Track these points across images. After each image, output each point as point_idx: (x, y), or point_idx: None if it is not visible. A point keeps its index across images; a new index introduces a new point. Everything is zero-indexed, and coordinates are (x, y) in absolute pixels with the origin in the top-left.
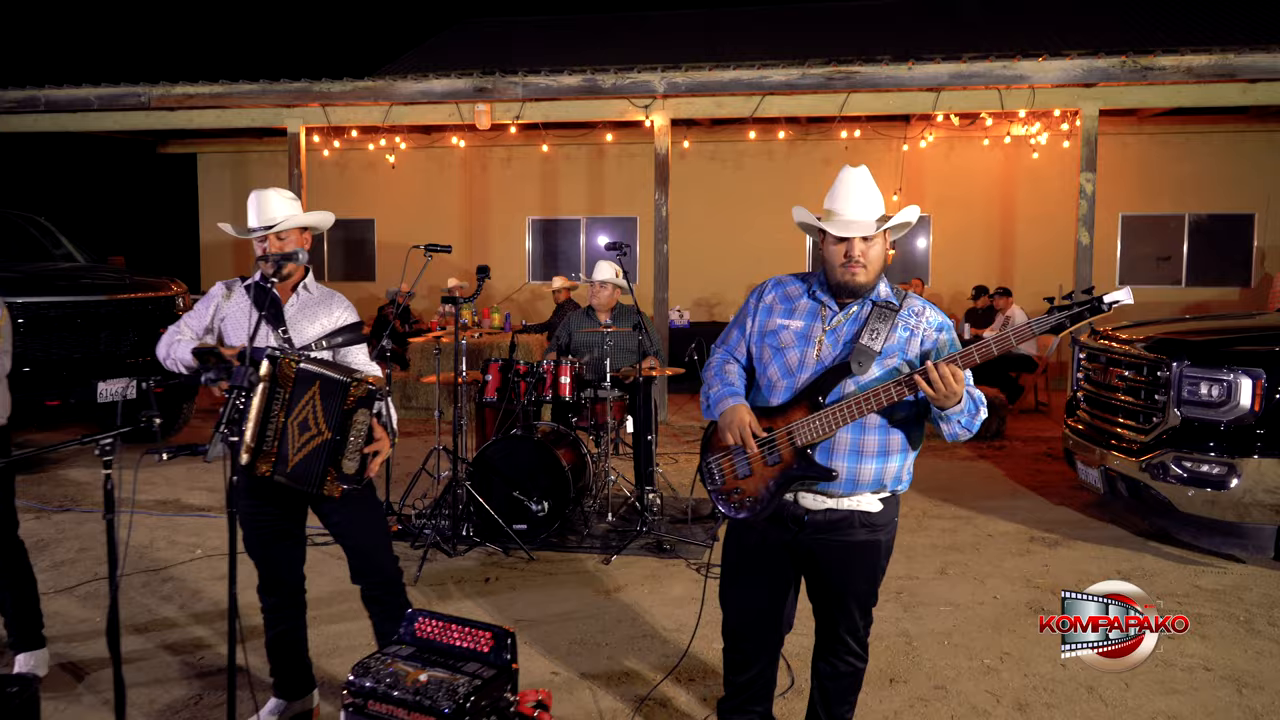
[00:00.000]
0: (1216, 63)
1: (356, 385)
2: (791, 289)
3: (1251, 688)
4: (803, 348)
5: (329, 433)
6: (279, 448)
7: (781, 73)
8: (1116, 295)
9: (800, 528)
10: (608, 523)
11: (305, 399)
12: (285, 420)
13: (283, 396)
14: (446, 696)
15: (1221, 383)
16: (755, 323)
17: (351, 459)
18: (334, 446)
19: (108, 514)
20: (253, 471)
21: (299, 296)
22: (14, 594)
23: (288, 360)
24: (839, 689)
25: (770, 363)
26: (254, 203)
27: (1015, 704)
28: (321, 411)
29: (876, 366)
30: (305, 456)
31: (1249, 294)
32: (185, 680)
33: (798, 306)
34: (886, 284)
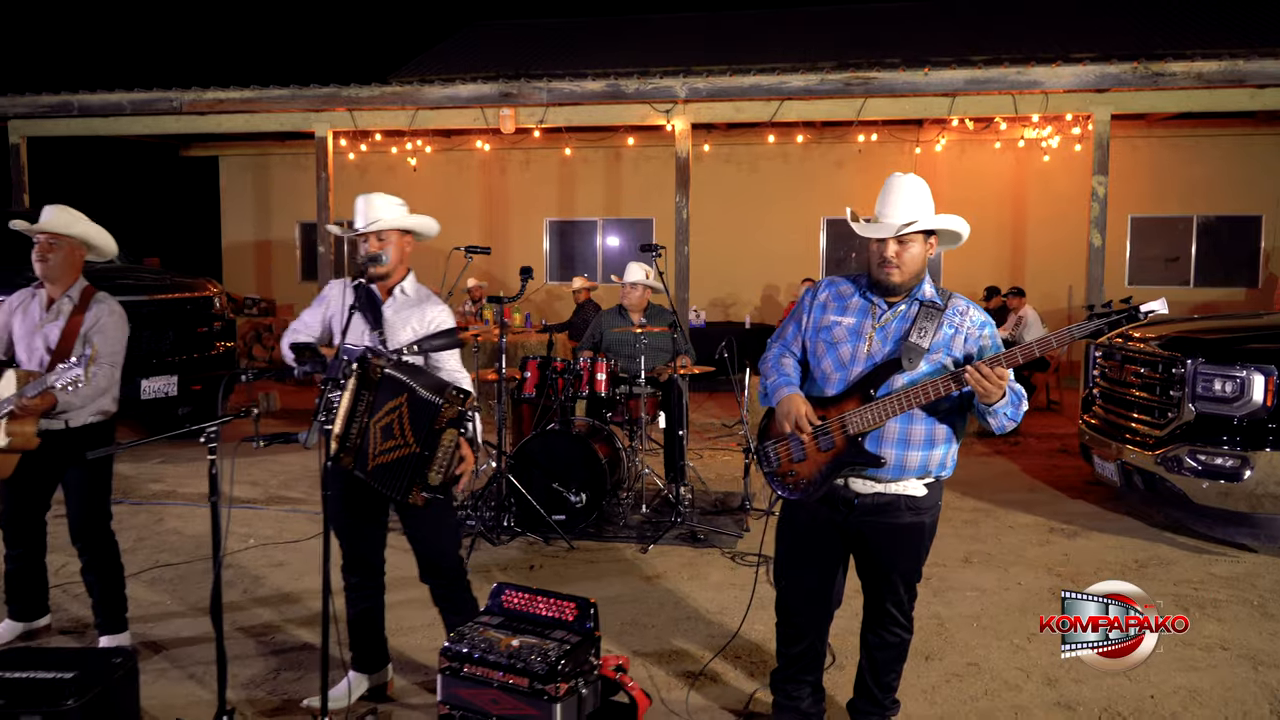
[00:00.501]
0: (1226, 69)
1: (448, 408)
2: (844, 288)
3: (1267, 665)
4: (854, 343)
5: (417, 447)
6: (360, 444)
7: (800, 79)
8: (1152, 305)
9: (850, 510)
10: (641, 514)
11: (390, 406)
12: (368, 421)
13: (367, 398)
14: (539, 659)
15: (1235, 379)
16: (810, 319)
17: (437, 472)
18: (421, 460)
19: (212, 496)
20: (338, 463)
21: (395, 299)
22: (103, 581)
23: (375, 365)
24: (886, 658)
25: (824, 356)
26: (360, 205)
27: (1044, 679)
28: (410, 425)
29: (924, 362)
30: (389, 464)
31: (1256, 294)
32: (261, 657)
33: (850, 304)
34: (931, 284)
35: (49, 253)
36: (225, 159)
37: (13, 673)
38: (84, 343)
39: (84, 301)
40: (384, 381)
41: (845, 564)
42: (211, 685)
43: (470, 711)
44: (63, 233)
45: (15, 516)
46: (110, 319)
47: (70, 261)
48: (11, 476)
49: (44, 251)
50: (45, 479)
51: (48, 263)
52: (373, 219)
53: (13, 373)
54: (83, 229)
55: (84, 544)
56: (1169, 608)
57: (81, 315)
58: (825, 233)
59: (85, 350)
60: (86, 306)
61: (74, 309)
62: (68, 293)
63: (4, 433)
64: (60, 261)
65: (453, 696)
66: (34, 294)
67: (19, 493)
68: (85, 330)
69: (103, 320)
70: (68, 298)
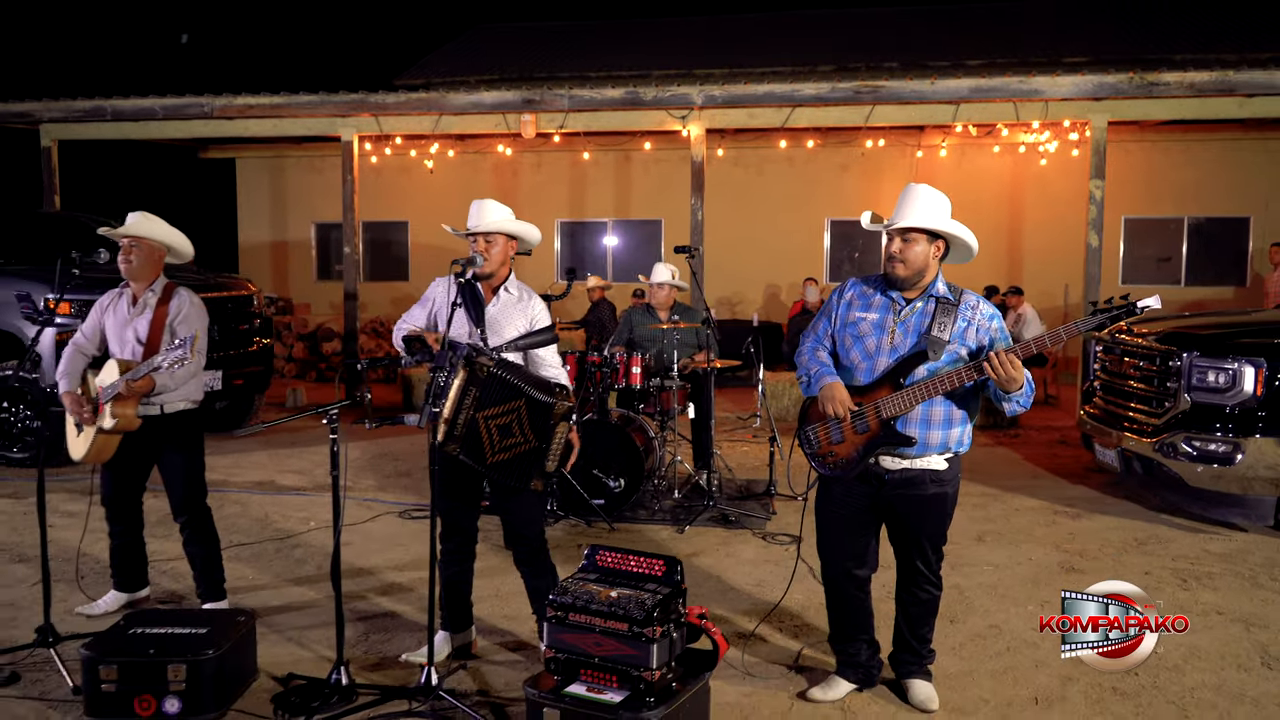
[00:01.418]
0: (1216, 79)
1: (560, 405)
2: (867, 288)
3: (1258, 626)
4: (879, 335)
5: (536, 442)
6: (466, 435)
7: (812, 87)
8: (1148, 301)
9: (882, 485)
10: (673, 499)
11: (507, 407)
12: (475, 414)
13: (474, 393)
14: (637, 608)
15: (1227, 371)
16: (838, 316)
17: (552, 460)
18: (540, 453)
19: (334, 470)
20: (443, 450)
21: (500, 298)
22: (204, 552)
23: (481, 363)
24: (920, 613)
25: (852, 348)
26: (474, 209)
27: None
28: (529, 424)
29: (945, 354)
30: (511, 459)
31: (1244, 293)
32: (349, 622)
33: (873, 302)
34: (944, 282)
35: (131, 254)
36: (243, 160)
37: (154, 629)
38: (170, 331)
39: (166, 295)
40: (490, 380)
41: (878, 532)
42: (308, 645)
43: (574, 653)
44: (144, 236)
45: (116, 497)
46: (191, 309)
47: (150, 261)
48: (112, 460)
49: (127, 253)
50: (142, 462)
51: (131, 263)
52: (479, 222)
53: (114, 362)
54: (162, 232)
55: (186, 519)
56: (1168, 581)
57: (165, 307)
58: (829, 233)
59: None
60: (169, 299)
61: (158, 302)
62: (151, 288)
63: (110, 414)
64: (141, 261)
65: (558, 641)
66: (121, 293)
67: (119, 475)
68: (170, 320)
69: (185, 310)
70: (151, 292)
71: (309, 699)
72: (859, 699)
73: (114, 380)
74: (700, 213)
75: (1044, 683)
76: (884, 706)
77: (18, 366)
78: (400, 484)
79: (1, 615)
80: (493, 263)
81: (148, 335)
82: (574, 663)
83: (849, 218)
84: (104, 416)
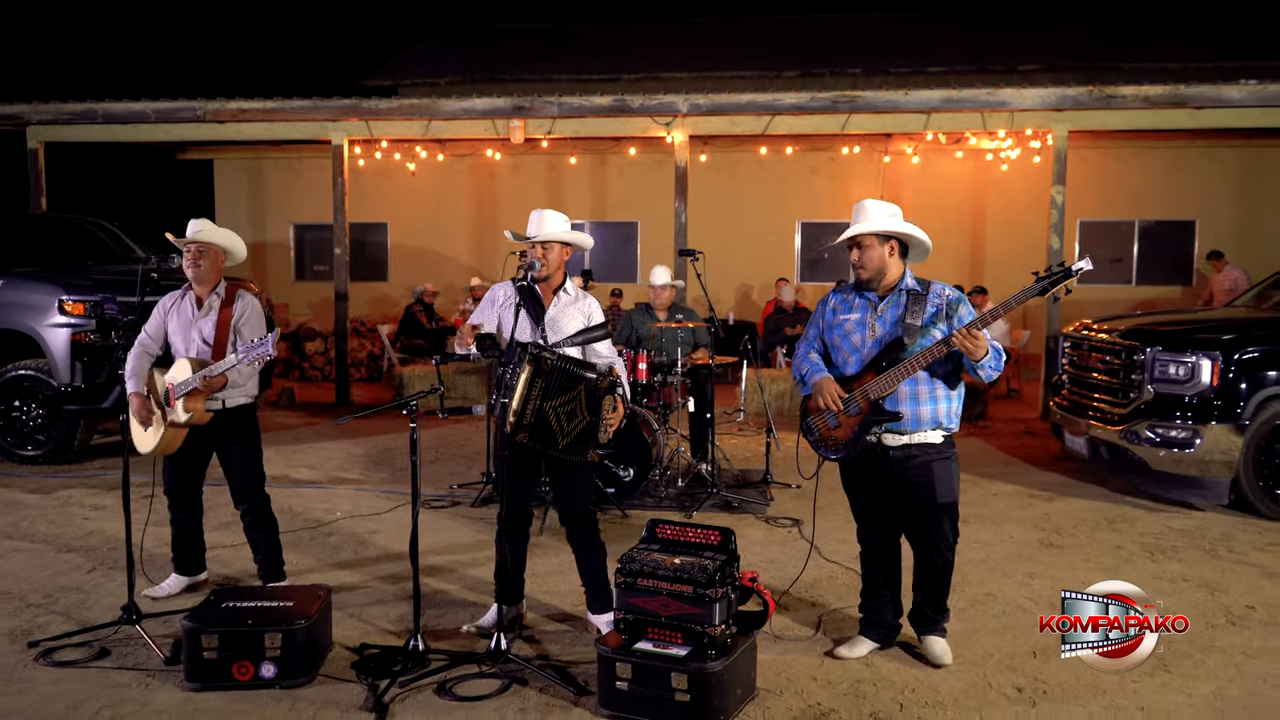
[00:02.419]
0: (1169, 92)
1: (603, 380)
2: (846, 295)
3: (1220, 591)
4: (862, 331)
5: (590, 417)
6: (534, 423)
7: (793, 96)
8: (1080, 264)
9: (889, 464)
10: (677, 488)
11: (570, 395)
12: (542, 404)
13: (540, 385)
14: (700, 572)
15: (1187, 364)
16: (825, 321)
17: (604, 432)
18: (594, 426)
19: (413, 456)
20: (514, 438)
21: (559, 299)
22: (265, 536)
23: (546, 357)
24: (933, 579)
25: (840, 345)
26: (534, 218)
27: (1048, 605)
28: (585, 403)
29: (921, 337)
30: (577, 436)
31: (1190, 292)
32: (399, 601)
33: (853, 304)
34: (913, 277)
35: (200, 259)
36: (221, 162)
37: (244, 603)
38: (235, 332)
39: (229, 297)
40: (554, 372)
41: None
42: (368, 620)
43: (643, 614)
44: (210, 241)
45: (179, 487)
46: (253, 311)
47: (215, 266)
48: (175, 452)
49: (195, 258)
50: (203, 453)
51: (199, 268)
52: (537, 231)
53: (185, 360)
54: (223, 237)
55: (248, 505)
56: (1138, 554)
57: (229, 309)
58: (800, 235)
59: (263, 336)
60: (232, 301)
61: (222, 304)
62: (215, 291)
63: (183, 409)
64: (208, 266)
65: (627, 604)
66: (184, 295)
67: (182, 466)
68: (234, 322)
69: (248, 312)
70: (216, 295)
71: (388, 664)
72: (880, 656)
73: (187, 377)
74: (684, 216)
75: (1040, 640)
76: (903, 661)
77: (110, 368)
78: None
79: (72, 599)
80: (550, 267)
81: (214, 336)
82: (641, 622)
83: (819, 220)
84: (176, 411)
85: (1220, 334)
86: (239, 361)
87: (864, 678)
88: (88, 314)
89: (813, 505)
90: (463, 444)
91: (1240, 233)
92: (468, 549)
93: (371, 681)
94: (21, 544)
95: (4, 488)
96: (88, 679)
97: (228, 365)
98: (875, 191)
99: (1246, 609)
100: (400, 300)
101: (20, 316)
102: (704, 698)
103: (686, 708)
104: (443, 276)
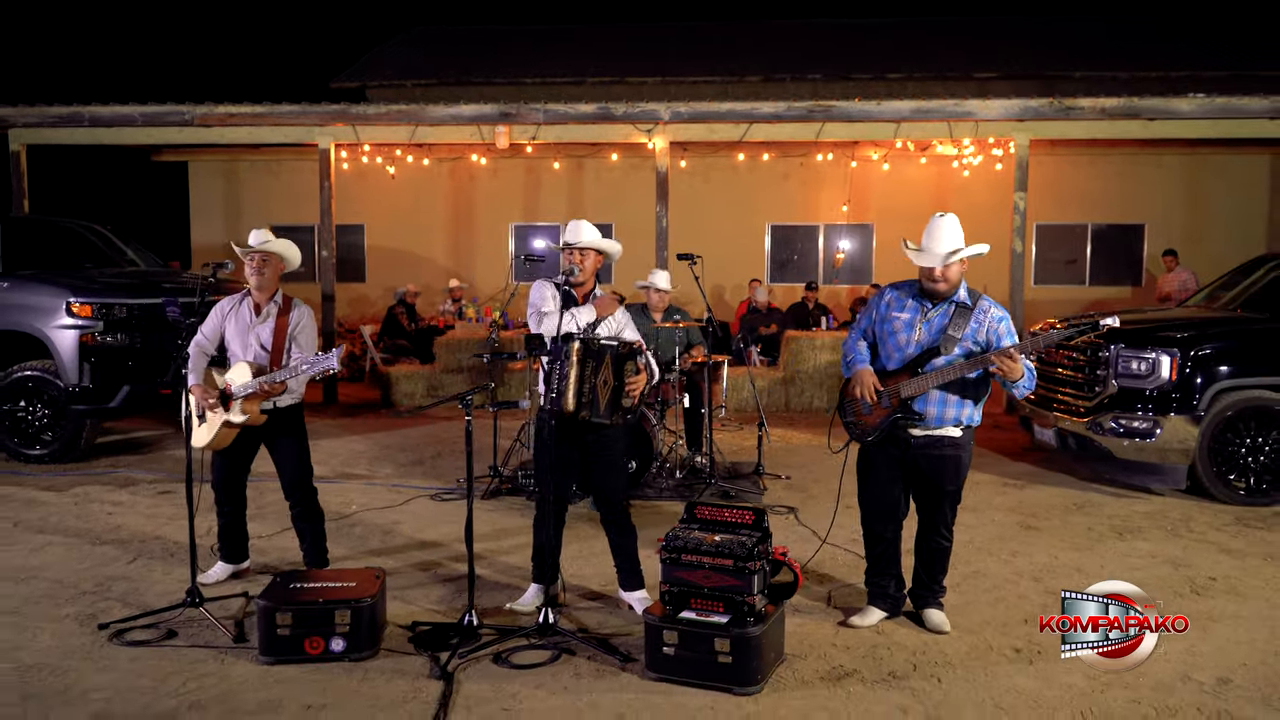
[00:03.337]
0: (1124, 104)
1: (624, 347)
2: (901, 293)
3: (1184, 566)
4: (909, 332)
5: (615, 381)
6: (592, 400)
7: (770, 106)
8: (1108, 320)
9: (908, 448)
10: (676, 479)
11: (604, 365)
12: (595, 381)
13: (591, 364)
14: (739, 547)
15: (1148, 360)
16: (878, 314)
17: (628, 397)
18: (620, 390)
19: (468, 446)
20: (576, 416)
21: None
22: (312, 526)
23: (592, 339)
24: (936, 558)
25: (887, 340)
26: (571, 227)
27: (1032, 577)
28: (612, 370)
29: (957, 348)
30: (608, 402)
31: (1140, 292)
32: (437, 584)
33: (906, 304)
34: (966, 288)
35: (264, 267)
36: (195, 164)
37: (311, 584)
38: (291, 340)
39: (286, 305)
40: (599, 350)
41: (904, 487)
42: (412, 601)
43: (687, 586)
44: (275, 251)
45: (227, 481)
46: (309, 321)
47: (276, 274)
48: (225, 449)
49: (259, 266)
50: (250, 450)
51: (263, 275)
52: (574, 239)
53: (244, 364)
54: (282, 246)
55: (297, 497)
56: (1108, 535)
57: (286, 317)
58: (770, 237)
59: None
60: (289, 310)
61: (279, 311)
62: (274, 299)
63: (240, 410)
64: (271, 274)
65: (672, 577)
66: (241, 300)
67: (230, 462)
68: (291, 330)
69: (304, 322)
70: (274, 303)
71: (441, 639)
72: (888, 624)
73: (246, 380)
74: (665, 219)
75: (1028, 609)
76: (910, 629)
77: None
78: (417, 471)
79: (124, 587)
80: (585, 273)
81: (272, 343)
82: (684, 594)
83: (788, 223)
84: (234, 411)
85: (1178, 332)
86: (305, 372)
87: (878, 643)
88: (95, 316)
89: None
90: (456, 440)
91: (1188, 236)
92: (489, 538)
93: (432, 654)
94: (55, 538)
95: (18, 486)
96: (163, 656)
97: (291, 374)
98: (843, 196)
99: (1209, 580)
100: (378, 301)
101: (26, 318)
102: (744, 659)
103: (729, 668)
104: (420, 277)
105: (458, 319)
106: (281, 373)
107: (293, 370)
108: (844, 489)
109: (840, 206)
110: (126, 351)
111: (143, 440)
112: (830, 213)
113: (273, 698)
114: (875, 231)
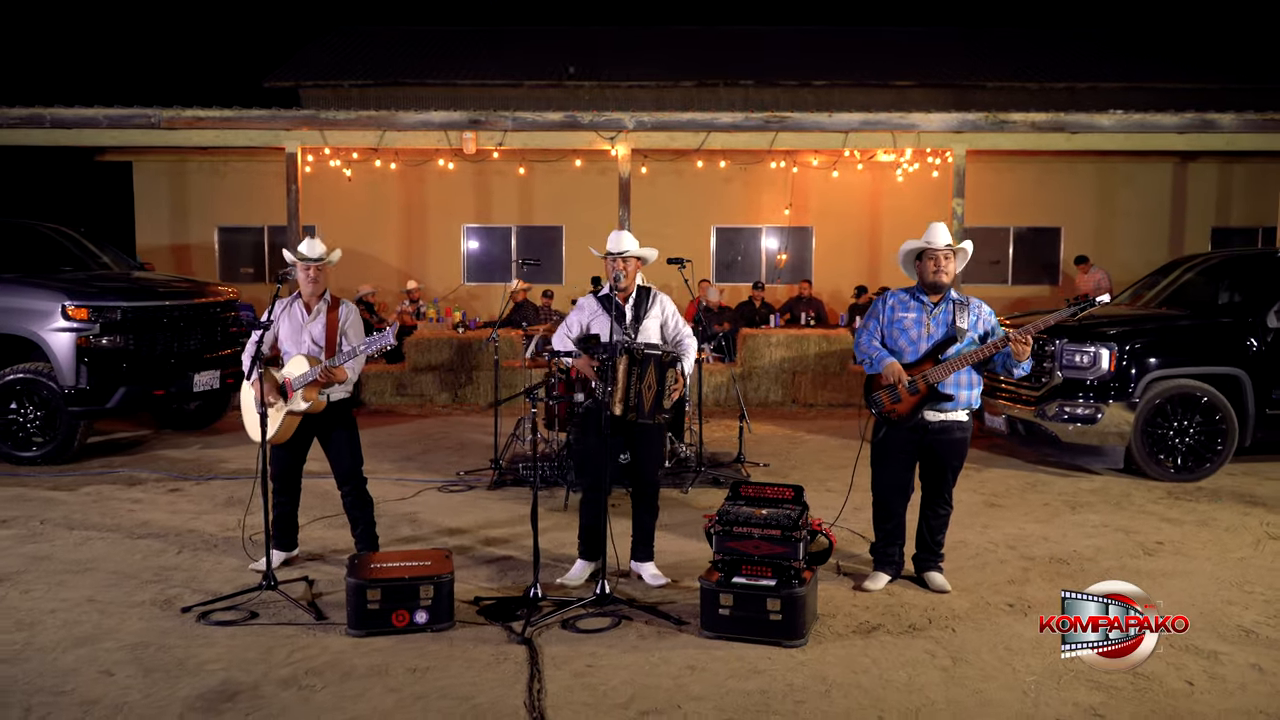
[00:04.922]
0: (1052, 119)
1: (666, 355)
2: (903, 296)
3: (1133, 533)
4: (919, 328)
5: (657, 386)
6: (638, 403)
7: (729, 116)
8: (1103, 298)
9: (925, 433)
10: (665, 468)
11: (648, 372)
12: (640, 386)
13: (636, 371)
14: (785, 519)
15: (1090, 353)
16: (885, 316)
17: (667, 398)
18: (660, 393)
19: (533, 435)
20: (624, 418)
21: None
22: (363, 514)
23: (636, 349)
24: (938, 525)
25: (899, 338)
26: (613, 237)
27: (1007, 546)
28: (655, 375)
29: (965, 337)
30: (651, 404)
31: (1058, 291)
32: (479, 565)
33: (910, 305)
34: (954, 290)
35: (319, 275)
36: (140, 164)
37: (390, 563)
38: (341, 334)
39: (334, 303)
40: (644, 358)
41: (915, 468)
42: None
43: (739, 555)
44: (329, 262)
45: (284, 472)
46: (356, 317)
47: (327, 279)
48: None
49: (316, 275)
50: (306, 442)
51: (318, 282)
52: (615, 247)
53: (301, 357)
54: (336, 256)
55: (349, 486)
56: (1062, 509)
57: (335, 313)
58: (715, 239)
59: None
60: (336, 307)
61: (328, 308)
62: (323, 298)
63: (302, 398)
64: (324, 280)
65: (724, 548)
66: (292, 302)
67: (288, 453)
68: (340, 325)
69: (352, 318)
70: (324, 302)
71: (507, 611)
72: (895, 587)
73: (305, 370)
74: (628, 223)
75: (1011, 572)
76: (915, 590)
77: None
78: (414, 466)
79: (183, 576)
80: (629, 278)
81: (324, 337)
82: (735, 562)
83: (732, 225)
84: (296, 400)
85: (1114, 328)
86: (364, 351)
87: (891, 603)
88: (91, 318)
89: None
90: (443, 437)
91: (1100, 238)
92: (509, 524)
93: (504, 624)
94: (92, 534)
95: (24, 487)
96: (256, 633)
97: (350, 355)
98: (784, 199)
99: (1156, 544)
100: None
101: (19, 321)
102: (793, 616)
103: (779, 625)
104: (371, 278)
105: (416, 319)
106: (340, 356)
107: (352, 352)
108: (839, 475)
109: (783, 210)
110: (122, 354)
111: (126, 441)
112: (772, 215)
113: (377, 663)
114: (814, 234)
